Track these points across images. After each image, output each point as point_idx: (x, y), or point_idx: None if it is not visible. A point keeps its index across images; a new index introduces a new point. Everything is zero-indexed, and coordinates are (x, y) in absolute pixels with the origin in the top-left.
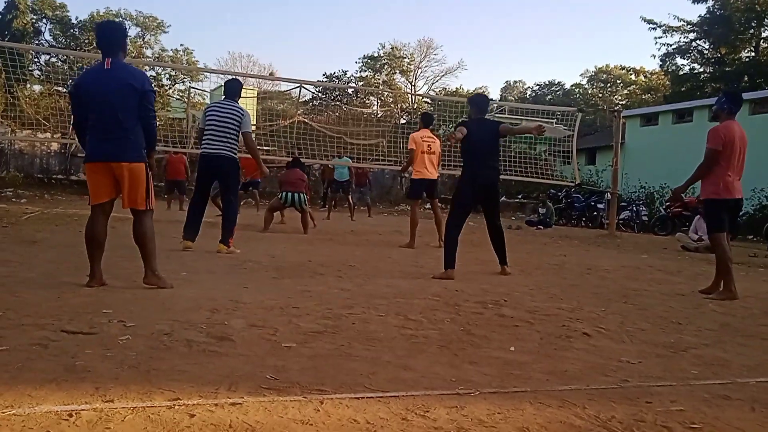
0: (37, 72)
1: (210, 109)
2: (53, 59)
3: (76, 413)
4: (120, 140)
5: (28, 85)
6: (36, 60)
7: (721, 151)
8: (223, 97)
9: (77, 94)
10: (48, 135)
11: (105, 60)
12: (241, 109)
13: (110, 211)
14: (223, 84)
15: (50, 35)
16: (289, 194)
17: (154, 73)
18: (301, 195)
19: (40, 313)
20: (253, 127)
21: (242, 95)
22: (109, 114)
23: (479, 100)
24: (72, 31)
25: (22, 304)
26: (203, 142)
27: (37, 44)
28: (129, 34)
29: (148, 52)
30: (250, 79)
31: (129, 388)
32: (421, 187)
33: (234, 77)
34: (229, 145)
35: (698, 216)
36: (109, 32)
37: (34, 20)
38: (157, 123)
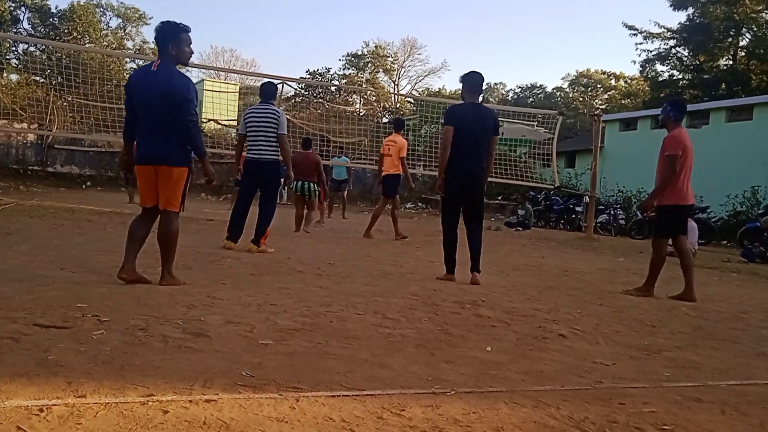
0: (15, 61)
1: (248, 114)
2: (31, 48)
3: (47, 408)
4: (165, 143)
5: (5, 74)
6: (14, 49)
7: (680, 156)
8: (260, 100)
9: (127, 91)
10: (25, 125)
11: (154, 61)
12: (278, 111)
13: (157, 215)
14: (259, 86)
15: (29, 24)
16: (298, 183)
17: (135, 65)
18: (311, 184)
19: (13, 306)
20: (234, 122)
21: (224, 90)
22: (154, 117)
23: (473, 78)
24: (51, 20)
25: None
26: (247, 147)
27: (14, 33)
28: (112, 25)
29: (129, 44)
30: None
31: (102, 384)
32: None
33: (269, 80)
34: (270, 148)
35: None
36: (159, 32)
37: (12, 8)
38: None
